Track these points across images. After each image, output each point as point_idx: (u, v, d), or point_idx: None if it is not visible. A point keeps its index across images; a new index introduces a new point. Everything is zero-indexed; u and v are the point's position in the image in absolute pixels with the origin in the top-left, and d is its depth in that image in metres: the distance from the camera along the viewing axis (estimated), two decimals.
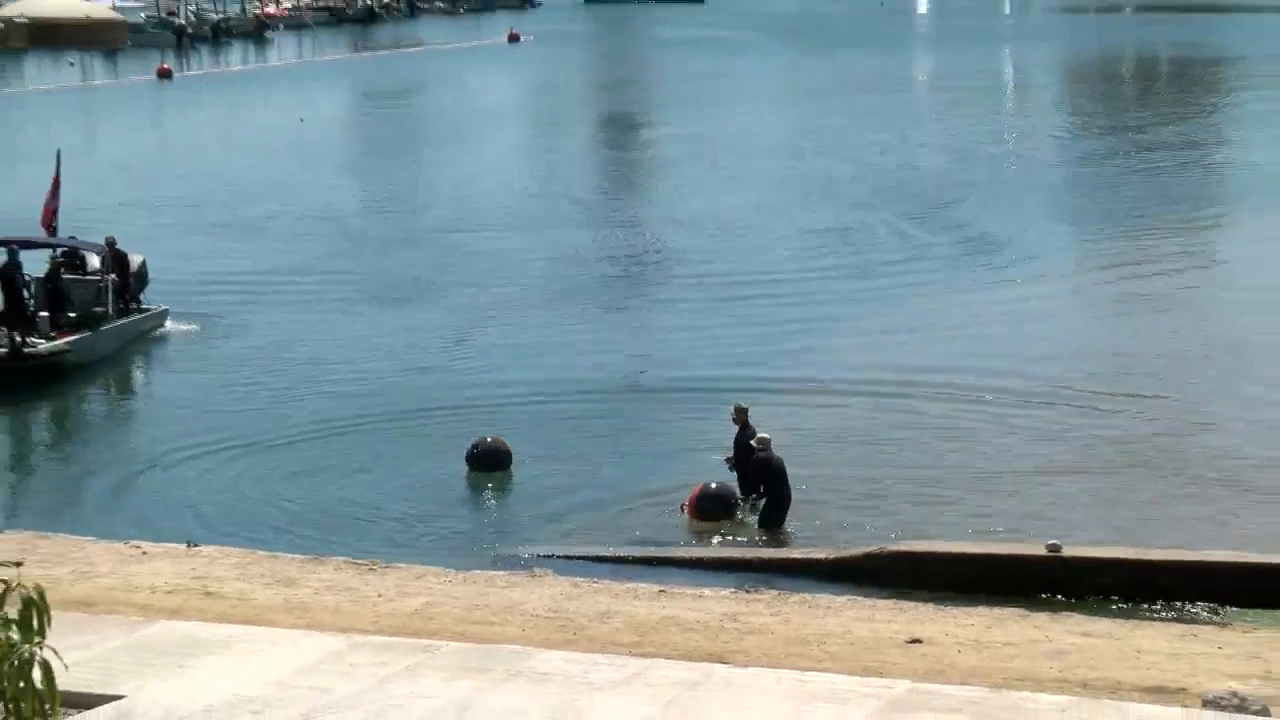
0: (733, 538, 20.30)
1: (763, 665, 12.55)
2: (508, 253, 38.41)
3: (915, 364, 27.79)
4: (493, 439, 23.04)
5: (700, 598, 16.31)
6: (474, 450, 22.82)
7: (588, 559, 19.12)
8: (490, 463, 22.73)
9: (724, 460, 21.28)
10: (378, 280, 35.42)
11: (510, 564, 18.79)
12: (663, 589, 16.69)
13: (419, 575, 16.98)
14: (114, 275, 30.30)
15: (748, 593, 16.90)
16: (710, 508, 20.75)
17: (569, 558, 19.18)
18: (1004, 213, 42.72)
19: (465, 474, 22.66)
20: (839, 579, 18.17)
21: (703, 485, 20.98)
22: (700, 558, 19.44)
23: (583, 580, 17.09)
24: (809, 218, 42.00)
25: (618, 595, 16.25)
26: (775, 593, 16.85)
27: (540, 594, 16.08)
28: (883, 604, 16.38)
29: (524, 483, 22.47)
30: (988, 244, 38.66)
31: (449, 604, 15.58)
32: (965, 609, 16.14)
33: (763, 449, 20.62)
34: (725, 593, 16.84)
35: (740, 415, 21.54)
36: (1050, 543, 18.22)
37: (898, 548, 18.78)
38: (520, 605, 15.52)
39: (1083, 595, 17.50)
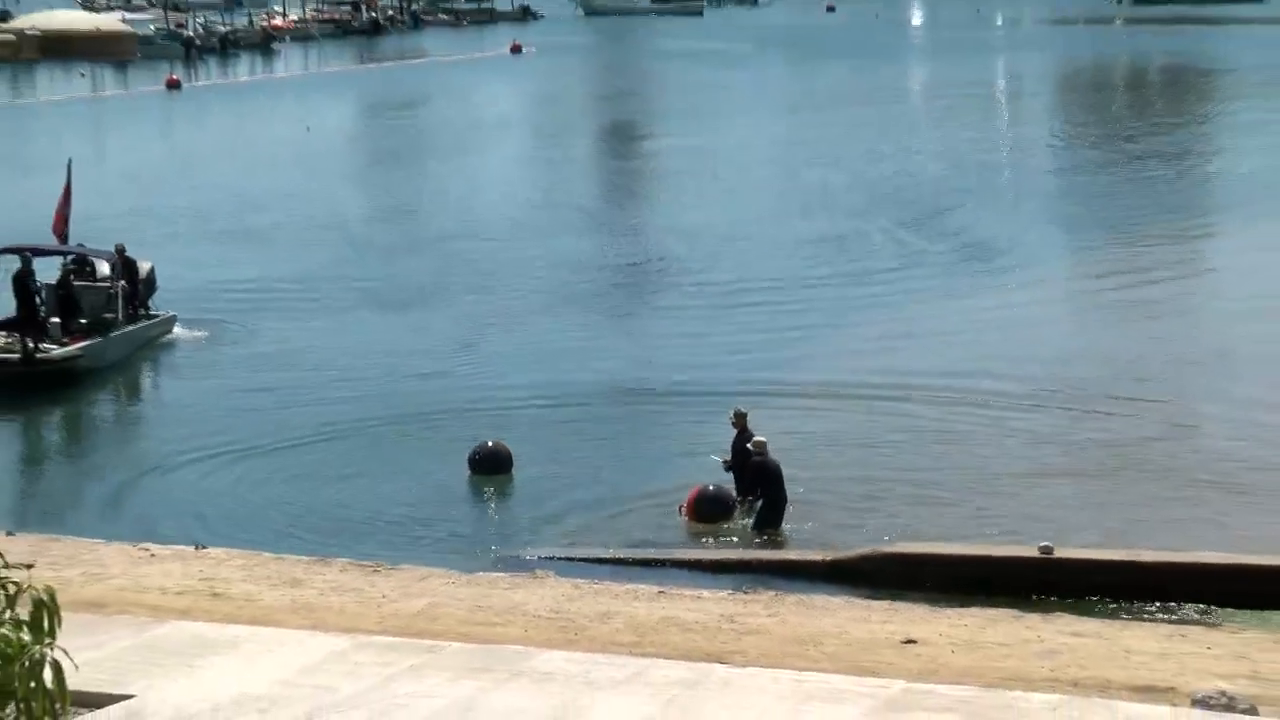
0: (731, 540, 20.31)
1: (760, 665, 12.55)
2: (510, 260, 38.43)
3: (911, 369, 27.78)
4: (494, 443, 23.04)
5: (699, 599, 16.31)
6: (476, 454, 22.84)
7: (588, 561, 19.12)
8: (492, 466, 22.72)
9: (721, 463, 21.30)
10: (382, 287, 35.43)
11: (512, 566, 18.80)
12: (662, 590, 16.70)
13: (423, 577, 16.98)
14: (123, 282, 30.31)
15: (745, 594, 16.89)
16: (708, 510, 20.76)
17: (570, 560, 19.19)
18: (999, 220, 42.76)
19: (467, 477, 22.67)
20: (835, 580, 18.17)
21: (700, 488, 20.97)
22: (699, 559, 19.43)
23: (583, 582, 17.09)
24: (807, 226, 42.03)
25: (618, 596, 16.25)
26: (772, 594, 16.85)
27: (542, 595, 16.08)
28: (878, 605, 16.38)
29: (525, 486, 22.47)
30: (983, 251, 38.67)
31: (452, 605, 15.59)
32: (959, 610, 16.15)
33: (759, 453, 20.62)
34: (723, 594, 16.84)
35: (739, 420, 21.55)
36: (1042, 544, 18.23)
37: (893, 549, 18.79)
38: (522, 606, 15.52)
39: (1074, 596, 17.52)
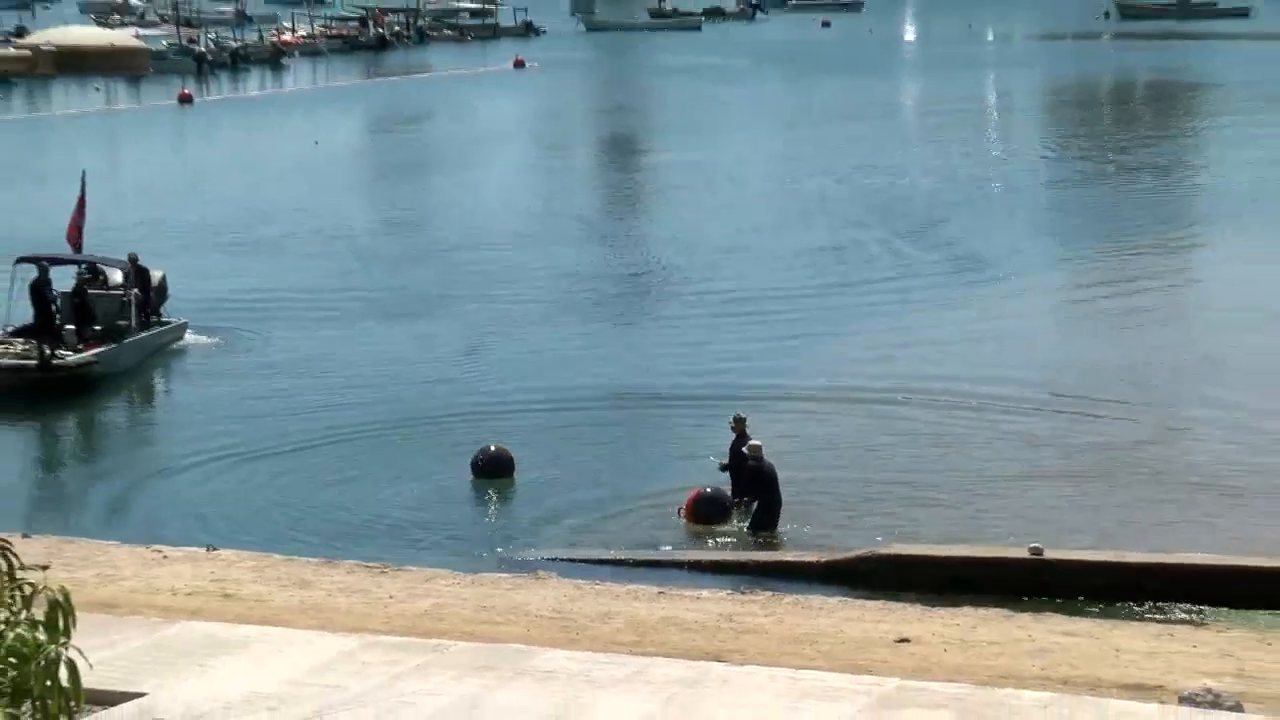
0: (729, 541, 20.32)
1: (758, 663, 12.55)
2: (512, 270, 38.42)
3: (906, 374, 27.78)
4: (496, 447, 23.05)
5: (698, 599, 16.31)
6: (478, 458, 22.83)
7: (589, 562, 19.13)
8: (494, 470, 22.73)
9: (718, 465, 21.34)
10: (388, 296, 35.43)
11: (515, 567, 18.80)
12: (662, 590, 16.69)
13: (428, 578, 16.98)
14: (136, 290, 30.33)
15: (743, 594, 16.89)
16: (706, 512, 20.78)
17: (571, 561, 19.18)
18: (992, 231, 42.74)
19: (470, 481, 22.67)
20: (831, 581, 18.18)
21: (698, 490, 21.00)
22: (698, 560, 19.44)
23: (585, 582, 17.09)
24: (804, 237, 41.99)
25: (618, 597, 16.25)
26: (770, 594, 16.85)
27: (544, 595, 16.08)
28: (873, 605, 16.38)
29: (527, 489, 22.46)
30: (976, 261, 38.64)
31: (457, 605, 15.58)
32: (951, 609, 16.15)
33: (755, 457, 20.64)
34: (722, 594, 16.83)
35: (739, 425, 21.57)
36: (1033, 546, 18.24)
37: (887, 551, 18.79)
38: (525, 606, 15.52)
39: (1064, 596, 17.52)
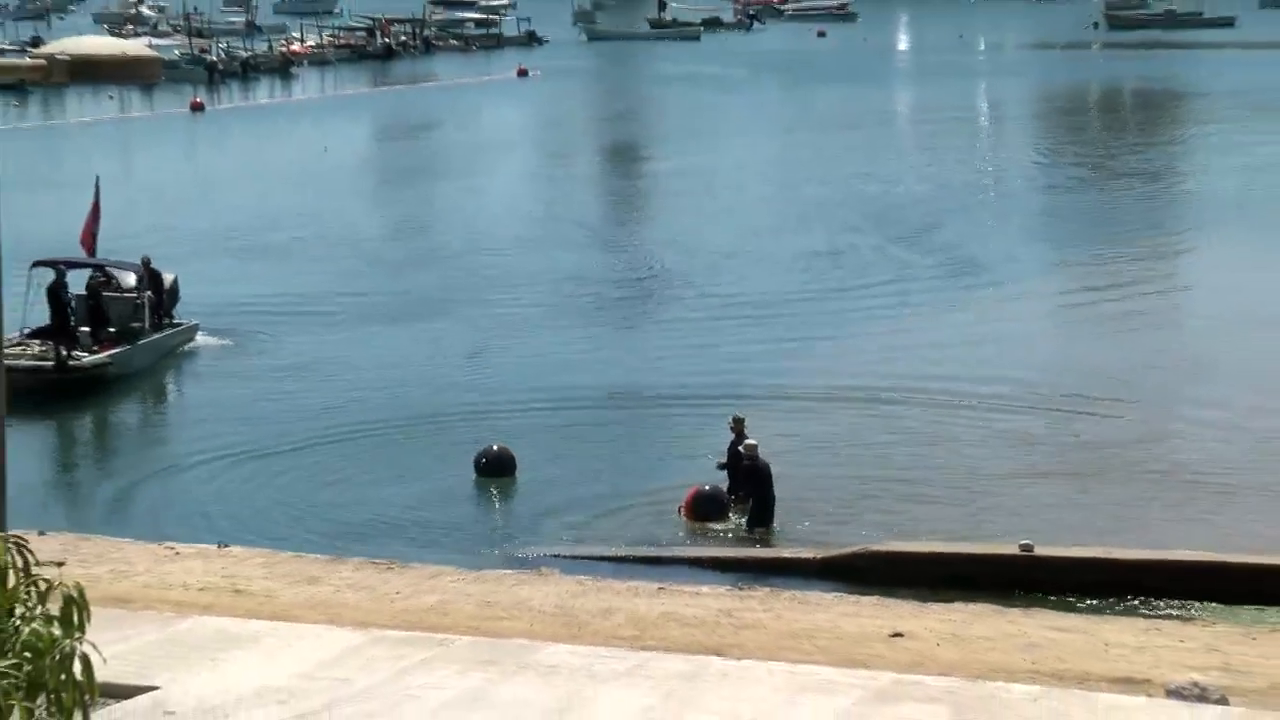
0: (727, 538, 20.34)
1: (756, 658, 12.54)
2: (515, 274, 38.40)
3: (901, 375, 27.79)
4: (498, 447, 23.05)
5: (697, 595, 16.30)
6: (481, 458, 22.83)
7: (591, 559, 19.13)
8: (496, 469, 22.74)
9: (716, 464, 21.37)
10: (394, 299, 35.42)
11: (518, 563, 18.79)
12: (662, 587, 16.68)
13: (434, 574, 16.98)
14: (149, 293, 30.37)
15: (742, 590, 16.89)
16: (705, 509, 20.83)
17: (573, 557, 19.19)
18: (984, 236, 42.71)
19: (473, 480, 22.67)
20: (828, 577, 18.19)
21: (697, 488, 21.04)
22: (697, 557, 19.45)
23: (587, 578, 17.08)
24: (801, 241, 41.95)
25: (620, 593, 16.24)
26: (768, 590, 16.84)
27: (547, 592, 16.08)
28: (868, 601, 16.37)
29: (529, 487, 22.46)
30: (970, 265, 38.63)
31: (462, 601, 15.58)
32: (945, 605, 16.14)
33: (751, 456, 20.69)
34: (721, 590, 16.83)
35: (737, 425, 21.61)
36: (1023, 543, 18.26)
37: (882, 548, 18.80)
38: (528, 602, 15.51)
39: (1055, 592, 17.52)
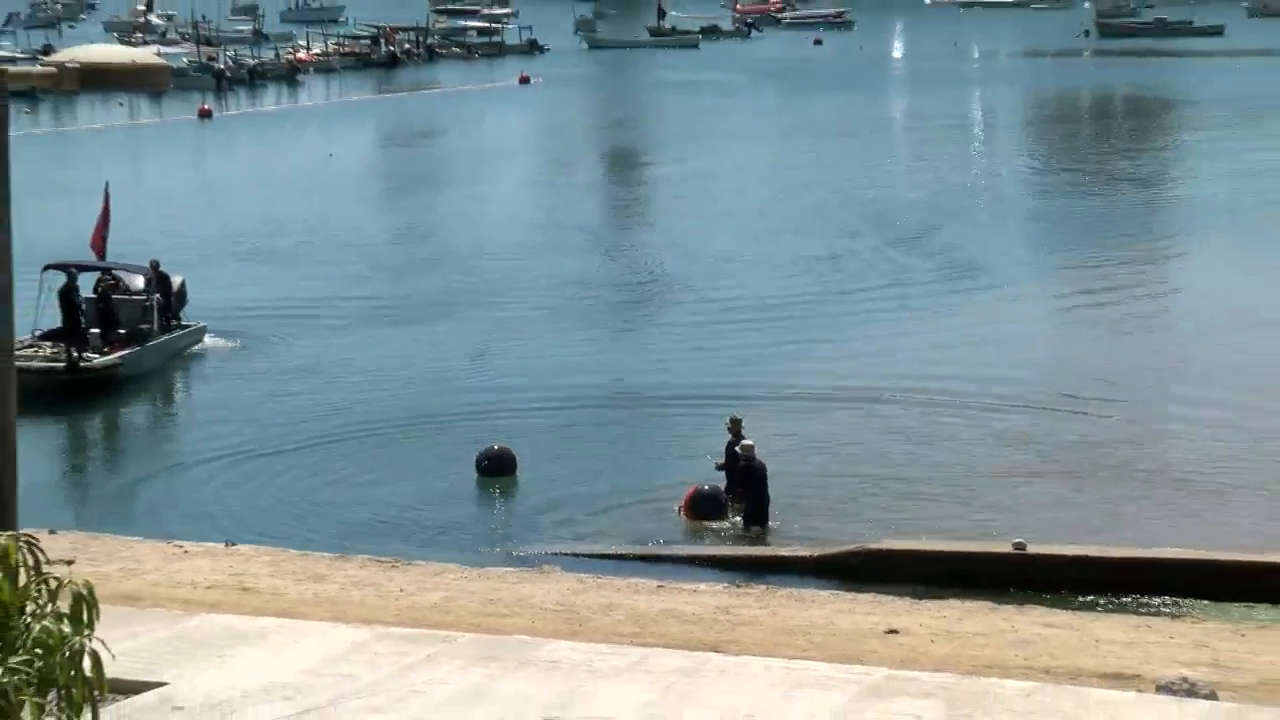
0: (725, 536, 20.35)
1: (753, 654, 12.53)
2: (517, 278, 38.36)
3: (896, 376, 27.79)
4: (499, 447, 23.05)
5: (696, 592, 16.29)
6: (483, 457, 22.82)
7: (592, 556, 19.13)
8: (497, 469, 22.74)
9: (714, 465, 21.37)
10: (398, 302, 35.41)
11: (520, 561, 18.79)
12: (661, 584, 16.68)
13: (437, 572, 16.96)
14: (158, 295, 30.38)
15: (739, 587, 16.89)
16: (703, 508, 20.86)
17: (574, 555, 19.18)
18: (978, 240, 42.68)
19: (475, 479, 22.66)
20: (823, 575, 18.20)
21: (695, 487, 21.06)
22: (696, 555, 19.46)
23: (587, 576, 17.08)
24: (799, 245, 41.92)
25: (620, 590, 16.23)
26: (765, 587, 16.84)
27: (548, 589, 16.07)
28: (863, 598, 16.36)
29: (530, 486, 22.45)
30: (963, 268, 38.62)
31: (465, 598, 15.57)
32: (938, 602, 16.13)
33: (747, 456, 20.72)
34: (719, 587, 16.82)
35: (735, 426, 21.62)
36: (1016, 541, 18.27)
37: (877, 546, 18.79)
38: (530, 599, 15.50)
39: (1046, 590, 17.51)
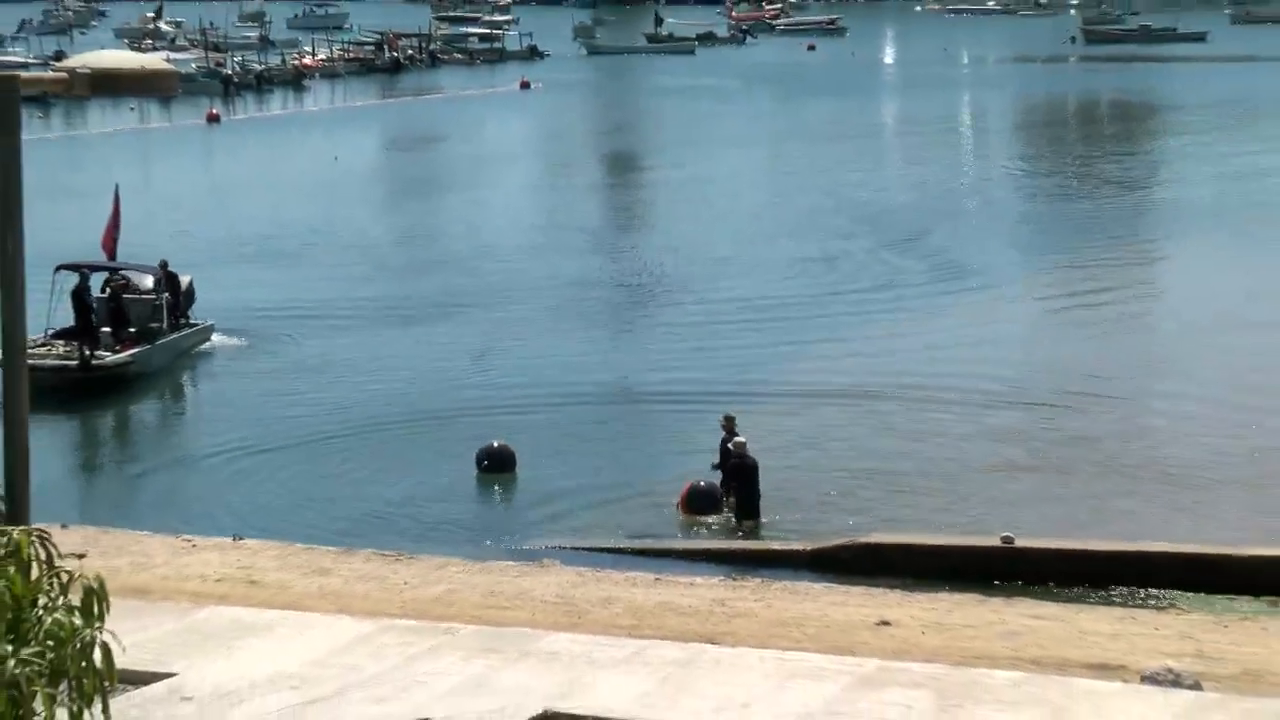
0: (720, 531, 20.37)
1: (748, 645, 12.55)
2: (517, 279, 38.32)
3: (889, 374, 27.79)
4: (499, 444, 23.06)
5: (692, 585, 16.30)
6: (483, 454, 22.83)
7: (590, 550, 19.14)
8: (497, 465, 22.75)
9: (711, 466, 21.39)
10: (401, 303, 35.39)
11: (521, 555, 18.80)
12: (658, 577, 16.69)
13: (440, 565, 16.98)
14: (167, 294, 30.38)
15: (735, 581, 16.90)
16: (699, 504, 20.88)
17: (574, 549, 19.20)
18: (968, 242, 42.66)
19: (475, 475, 22.67)
20: (817, 568, 18.21)
21: (691, 484, 21.10)
22: (692, 549, 19.48)
23: (586, 570, 17.09)
24: (793, 247, 41.87)
25: (618, 583, 16.25)
26: (759, 580, 16.85)
27: (548, 582, 16.09)
28: (855, 590, 16.38)
29: (530, 483, 22.45)
30: (955, 269, 38.59)
31: (467, 591, 15.59)
32: (929, 595, 16.15)
33: (739, 454, 20.77)
34: (715, 581, 16.84)
35: (728, 423, 21.64)
36: (1004, 535, 18.30)
37: (869, 540, 18.81)
38: (530, 592, 15.52)
39: (1034, 582, 17.54)
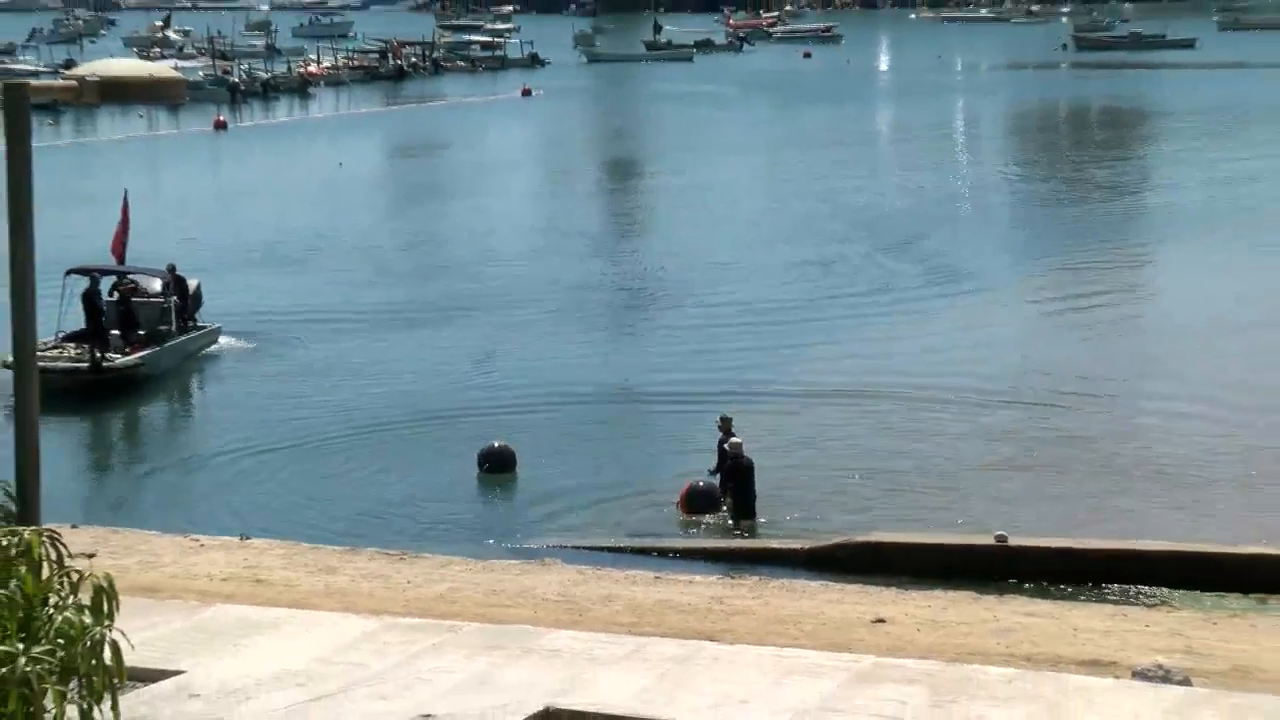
0: (718, 530, 20.35)
1: (746, 642, 12.52)
2: (519, 282, 38.33)
3: (885, 375, 27.80)
4: (500, 444, 23.04)
5: (691, 583, 16.29)
6: (484, 455, 22.81)
7: (591, 549, 19.13)
8: (498, 466, 22.74)
9: (709, 471, 21.36)
10: (404, 306, 35.38)
11: (523, 554, 18.79)
12: (658, 576, 16.68)
13: (443, 564, 16.97)
14: (175, 297, 30.39)
15: (733, 579, 16.88)
16: (698, 503, 20.88)
17: (575, 548, 19.19)
18: (963, 246, 42.65)
19: (477, 475, 22.66)
20: (813, 566, 18.19)
21: (690, 484, 21.11)
22: (691, 548, 19.47)
23: (587, 568, 17.07)
24: (790, 252, 41.86)
25: (618, 581, 16.23)
26: (757, 578, 16.84)
27: (550, 580, 16.07)
28: (851, 588, 16.36)
29: (531, 483, 22.44)
30: (948, 273, 38.57)
31: (470, 589, 15.57)
32: (924, 592, 16.14)
33: (735, 454, 20.76)
34: (713, 579, 16.82)
35: (725, 424, 21.64)
36: (998, 533, 18.29)
37: (865, 538, 18.80)
38: (532, 590, 15.50)
39: (1027, 580, 17.53)
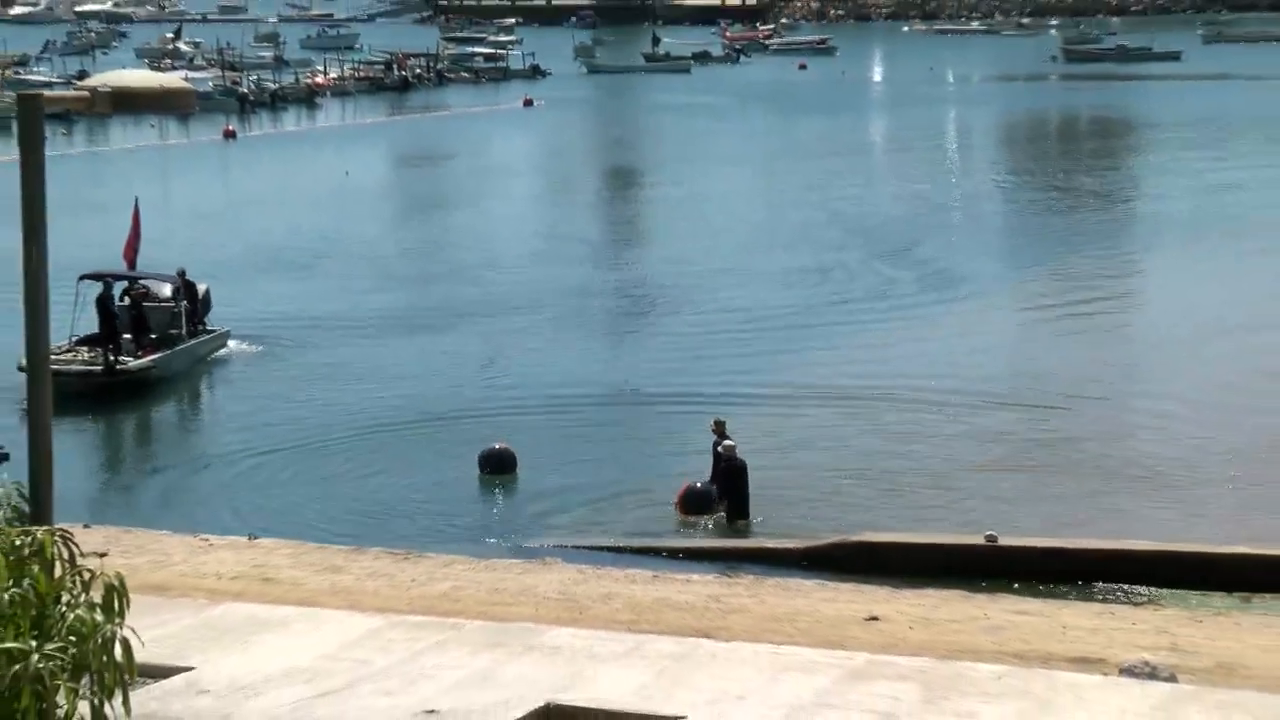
0: (715, 530, 20.37)
1: (742, 640, 12.53)
2: (521, 288, 38.32)
3: (879, 378, 27.81)
4: (500, 445, 23.05)
5: (689, 582, 16.30)
6: (485, 456, 22.81)
7: (591, 549, 19.15)
8: (498, 467, 22.75)
9: (708, 478, 21.33)
10: (409, 311, 35.38)
11: (524, 553, 18.80)
12: (656, 574, 16.69)
13: (447, 563, 16.98)
14: (185, 302, 30.40)
15: (730, 578, 16.90)
16: (695, 504, 20.90)
17: (575, 548, 19.21)
18: (955, 253, 42.62)
19: (478, 476, 22.65)
20: (808, 566, 18.21)
21: (688, 485, 21.12)
22: (689, 547, 19.48)
23: (587, 567, 17.08)
24: (786, 259, 41.85)
25: (618, 580, 16.24)
26: (753, 577, 16.85)
27: (550, 579, 16.08)
28: (845, 587, 16.38)
29: (531, 484, 22.44)
30: (941, 279, 38.55)
31: (472, 588, 15.58)
32: (916, 591, 16.15)
33: (729, 456, 20.77)
34: (710, 577, 16.83)
35: (719, 427, 21.65)
36: (988, 534, 18.30)
37: (859, 538, 18.82)
38: (534, 589, 15.51)
39: (1017, 579, 17.53)
